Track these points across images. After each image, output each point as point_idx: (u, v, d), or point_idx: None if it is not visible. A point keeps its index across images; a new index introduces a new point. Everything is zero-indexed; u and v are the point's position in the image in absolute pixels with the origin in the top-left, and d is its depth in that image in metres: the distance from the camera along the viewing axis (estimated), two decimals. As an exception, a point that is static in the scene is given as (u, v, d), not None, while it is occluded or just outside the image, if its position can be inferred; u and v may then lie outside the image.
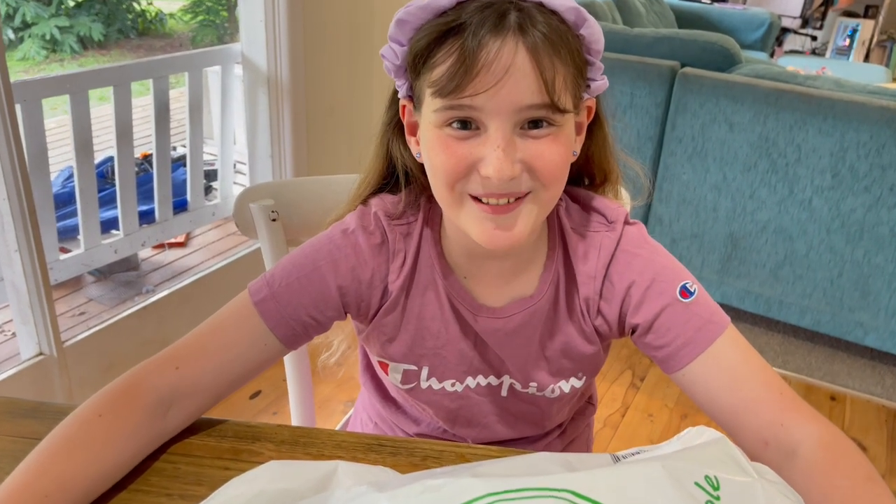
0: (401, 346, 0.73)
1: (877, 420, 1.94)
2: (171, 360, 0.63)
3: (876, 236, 1.97)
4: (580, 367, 0.76)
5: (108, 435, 0.58)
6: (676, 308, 0.66)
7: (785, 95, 1.98)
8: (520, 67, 0.56)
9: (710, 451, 0.48)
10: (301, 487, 0.47)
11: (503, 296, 0.71)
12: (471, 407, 0.78)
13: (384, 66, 0.65)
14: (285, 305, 0.66)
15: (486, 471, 0.45)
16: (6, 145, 1.45)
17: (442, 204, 0.65)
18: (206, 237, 2.82)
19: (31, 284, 1.58)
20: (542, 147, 0.60)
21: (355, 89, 2.34)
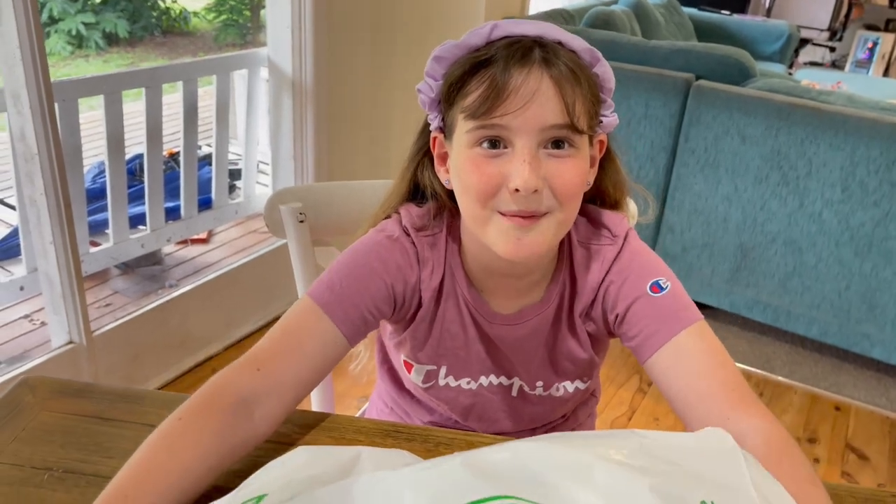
0: (428, 350, 0.80)
1: (880, 431, 1.98)
2: (252, 363, 0.66)
3: (884, 250, 2.00)
4: (581, 371, 0.83)
5: (189, 437, 0.59)
6: (645, 301, 0.72)
7: (797, 110, 2.02)
8: (544, 92, 0.64)
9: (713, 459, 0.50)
10: (327, 473, 0.52)
11: (515, 305, 0.78)
12: (483, 404, 0.84)
13: (419, 100, 0.73)
14: (348, 305, 0.71)
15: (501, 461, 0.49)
16: (45, 142, 1.53)
17: (472, 221, 0.71)
18: (228, 234, 2.90)
19: (63, 275, 1.65)
20: (562, 167, 0.66)
21: (377, 95, 2.41)
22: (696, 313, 0.71)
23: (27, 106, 1.50)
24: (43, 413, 0.71)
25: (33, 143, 1.53)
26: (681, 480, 0.47)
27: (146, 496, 0.54)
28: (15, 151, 1.61)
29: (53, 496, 0.61)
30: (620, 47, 2.36)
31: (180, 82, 2.13)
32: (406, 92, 0.66)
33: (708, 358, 0.69)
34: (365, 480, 0.49)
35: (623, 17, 3.14)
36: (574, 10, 3.04)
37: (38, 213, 1.60)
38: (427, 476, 0.48)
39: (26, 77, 1.47)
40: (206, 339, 2.08)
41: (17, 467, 0.64)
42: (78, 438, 0.67)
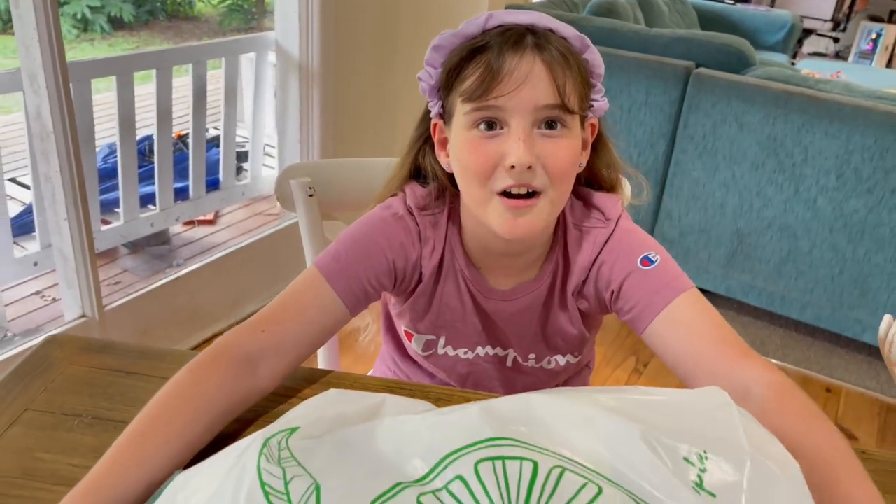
0: (427, 322, 0.85)
1: (869, 413, 2.03)
2: (257, 324, 0.71)
3: (877, 237, 2.05)
4: (572, 346, 0.87)
5: (199, 388, 0.64)
6: (637, 276, 0.76)
7: (794, 98, 2.05)
8: (536, 74, 0.68)
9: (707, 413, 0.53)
10: (354, 413, 0.56)
11: (510, 281, 0.82)
12: (479, 373, 0.89)
13: (420, 88, 0.77)
14: (350, 276, 0.76)
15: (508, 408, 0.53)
16: (60, 121, 1.58)
17: (471, 202, 0.74)
18: (234, 216, 2.95)
19: (77, 251, 1.71)
20: (554, 146, 0.70)
21: (382, 78, 2.45)
22: (688, 282, 0.75)
23: (43, 86, 1.55)
24: (71, 367, 0.76)
25: (49, 121, 1.58)
26: (673, 431, 0.50)
27: (161, 436, 0.60)
28: (30, 130, 1.66)
29: (84, 439, 0.66)
30: (622, 35, 2.40)
31: (190, 65, 2.17)
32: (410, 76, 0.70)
33: (703, 320, 0.72)
34: (389, 422, 0.54)
35: (626, 5, 3.16)
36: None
37: (52, 190, 1.65)
38: (445, 420, 0.52)
39: (43, 58, 1.52)
40: (214, 316, 2.13)
41: (49, 414, 0.69)
42: (104, 389, 0.73)
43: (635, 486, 0.46)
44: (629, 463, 0.47)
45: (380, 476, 0.48)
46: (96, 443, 0.66)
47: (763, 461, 0.48)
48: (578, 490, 0.44)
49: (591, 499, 0.44)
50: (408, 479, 0.48)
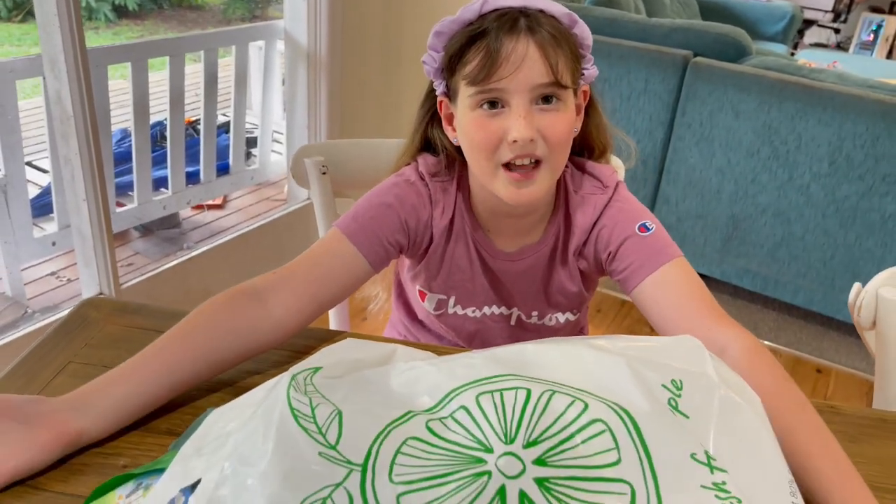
0: (440, 281, 0.92)
1: (858, 392, 2.10)
2: (285, 270, 0.79)
3: (867, 222, 2.11)
4: (571, 303, 0.95)
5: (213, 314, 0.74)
6: (634, 240, 0.83)
7: (788, 87, 2.11)
8: (531, 56, 0.75)
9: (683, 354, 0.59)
10: (369, 359, 0.64)
11: (516, 243, 0.90)
12: (486, 331, 0.97)
13: (424, 70, 0.84)
14: (369, 233, 0.83)
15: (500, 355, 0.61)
16: (80, 105, 1.65)
17: (480, 172, 0.82)
18: (243, 201, 3.02)
19: (95, 231, 1.78)
20: (551, 118, 0.78)
21: (388, 66, 2.51)
22: (677, 251, 0.82)
23: (64, 71, 1.61)
24: (108, 326, 0.83)
25: (69, 105, 1.64)
26: (653, 364, 0.57)
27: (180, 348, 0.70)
28: (51, 114, 1.72)
29: (123, 387, 0.73)
30: (622, 25, 2.46)
31: (202, 52, 2.23)
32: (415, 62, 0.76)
33: (688, 285, 0.80)
34: (401, 366, 0.61)
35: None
36: (580, -12, 3.12)
37: (72, 172, 1.72)
38: (450, 364, 0.60)
39: (63, 43, 1.58)
40: (225, 296, 2.20)
41: (90, 366, 0.76)
42: (140, 345, 0.79)
43: (619, 399, 0.53)
44: (614, 385, 0.54)
45: (393, 406, 0.55)
46: (135, 390, 0.72)
47: (729, 392, 0.55)
48: (566, 407, 0.51)
49: (578, 413, 0.51)
50: (418, 409, 0.55)
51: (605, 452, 0.50)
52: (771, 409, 0.58)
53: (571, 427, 0.51)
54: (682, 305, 0.78)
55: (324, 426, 0.52)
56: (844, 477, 0.61)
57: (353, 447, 0.50)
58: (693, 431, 0.53)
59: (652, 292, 0.80)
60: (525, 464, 0.49)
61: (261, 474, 0.48)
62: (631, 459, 0.49)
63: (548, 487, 0.48)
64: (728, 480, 0.50)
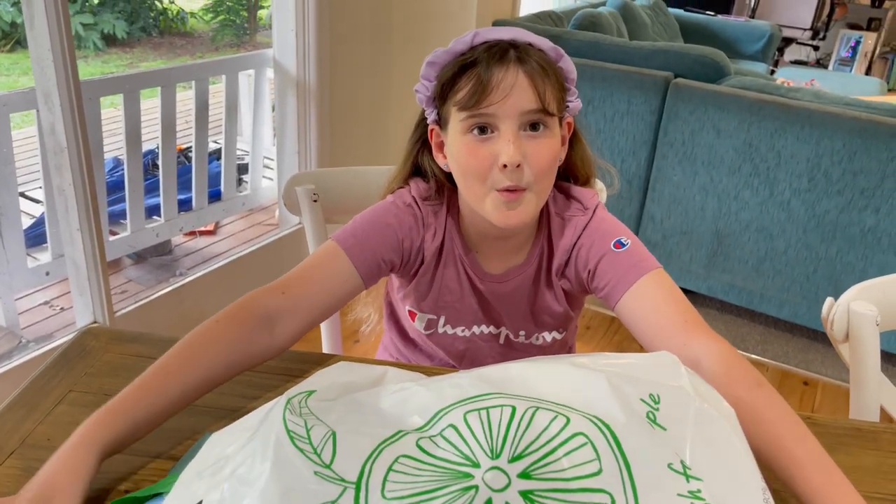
0: (429, 302, 0.96)
1: (844, 403, 2.13)
2: (279, 287, 0.81)
3: (848, 236, 2.16)
4: (557, 322, 0.98)
5: (222, 336, 0.75)
6: (610, 256, 0.86)
7: (767, 105, 2.17)
8: (520, 84, 0.79)
9: (659, 370, 0.62)
10: (361, 381, 0.67)
11: (502, 265, 0.94)
12: (475, 350, 1.00)
13: (417, 99, 0.88)
14: (366, 250, 0.86)
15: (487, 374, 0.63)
16: (74, 137, 1.68)
17: (470, 197, 0.85)
18: (234, 226, 3.04)
19: (89, 260, 1.80)
20: (538, 145, 0.81)
21: (376, 93, 2.55)
22: (654, 263, 0.85)
23: (57, 104, 1.64)
24: (107, 354, 0.85)
25: (63, 137, 1.67)
26: (632, 379, 0.60)
27: (183, 372, 0.71)
28: (44, 145, 1.75)
29: (124, 414, 0.75)
30: (604, 48, 2.52)
31: (193, 82, 2.27)
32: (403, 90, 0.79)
33: (665, 297, 0.82)
34: (391, 387, 0.64)
35: (609, 18, 3.29)
36: (562, 12, 3.19)
37: (65, 202, 1.75)
38: (439, 385, 0.62)
39: (57, 77, 1.62)
40: (218, 322, 2.22)
41: (90, 394, 0.79)
42: (138, 373, 0.81)
43: (600, 413, 0.56)
44: (595, 400, 0.57)
45: (385, 426, 0.58)
46: (135, 416, 0.75)
47: (704, 404, 0.58)
48: (550, 422, 0.54)
49: (560, 427, 0.54)
50: (408, 428, 0.58)
51: (586, 464, 0.53)
52: (748, 417, 0.61)
53: (554, 441, 0.54)
54: (658, 320, 0.81)
55: (319, 446, 0.55)
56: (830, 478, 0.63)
57: (347, 466, 0.53)
58: (670, 442, 0.56)
59: (632, 308, 0.83)
60: (510, 477, 0.52)
61: (259, 493, 0.51)
62: (611, 470, 0.52)
63: (532, 499, 0.50)
64: (703, 489, 0.53)
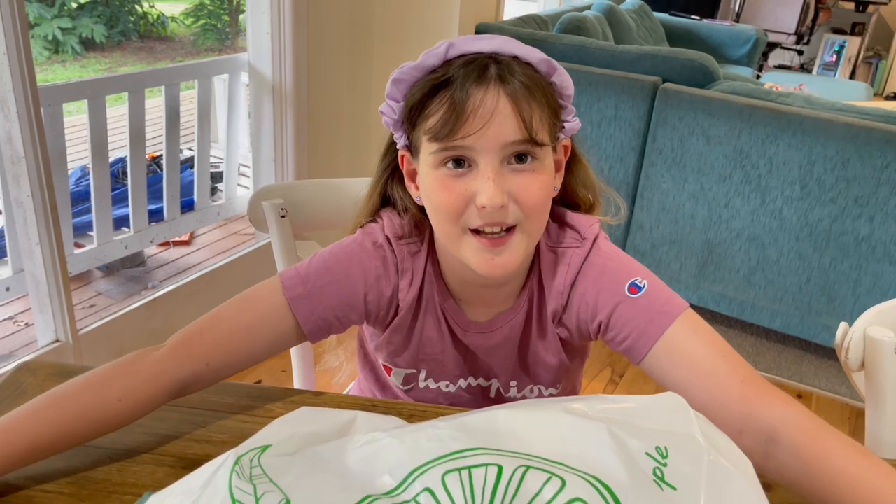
0: (407, 356, 0.83)
1: (840, 417, 2.07)
2: (202, 355, 0.70)
3: (841, 245, 2.10)
4: (553, 377, 0.84)
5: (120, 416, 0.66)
6: (627, 304, 0.72)
7: (758, 111, 2.11)
8: (501, 110, 0.66)
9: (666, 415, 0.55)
10: (326, 431, 0.58)
11: (489, 313, 0.81)
12: (462, 404, 0.87)
13: (383, 122, 0.75)
14: (317, 305, 0.73)
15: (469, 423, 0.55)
16: (32, 147, 1.58)
17: (445, 239, 0.72)
18: (210, 236, 2.94)
19: (50, 276, 1.70)
20: (526, 180, 0.68)
21: (356, 98, 2.47)
22: (680, 304, 0.71)
23: (14, 111, 1.54)
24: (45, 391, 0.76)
25: (20, 146, 1.57)
26: (635, 429, 0.53)
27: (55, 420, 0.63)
28: (1, 155, 1.65)
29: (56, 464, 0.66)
30: (590, 52, 2.45)
31: (163, 87, 2.17)
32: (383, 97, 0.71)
33: (706, 349, 0.68)
34: (360, 438, 0.55)
35: (595, 22, 3.23)
36: (547, 16, 3.13)
37: (24, 215, 1.65)
38: (414, 436, 0.54)
39: (13, 82, 1.52)
40: (190, 338, 2.12)
41: (22, 440, 0.70)
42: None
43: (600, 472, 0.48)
44: (594, 455, 0.49)
45: (350, 490, 0.49)
46: (68, 467, 0.66)
47: (718, 457, 0.50)
48: (542, 485, 0.46)
49: (555, 492, 0.46)
50: (377, 492, 0.50)
51: (585, 539, 0.45)
52: (862, 496, 0.53)
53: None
54: (704, 382, 0.66)
55: (270, 518, 0.46)
56: None
57: (302, 544, 0.45)
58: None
59: (664, 366, 0.69)
60: (496, 557, 0.44)
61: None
62: (614, 545, 0.45)
63: (522, 585, 0.42)
64: (720, 562, 0.45)
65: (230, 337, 0.72)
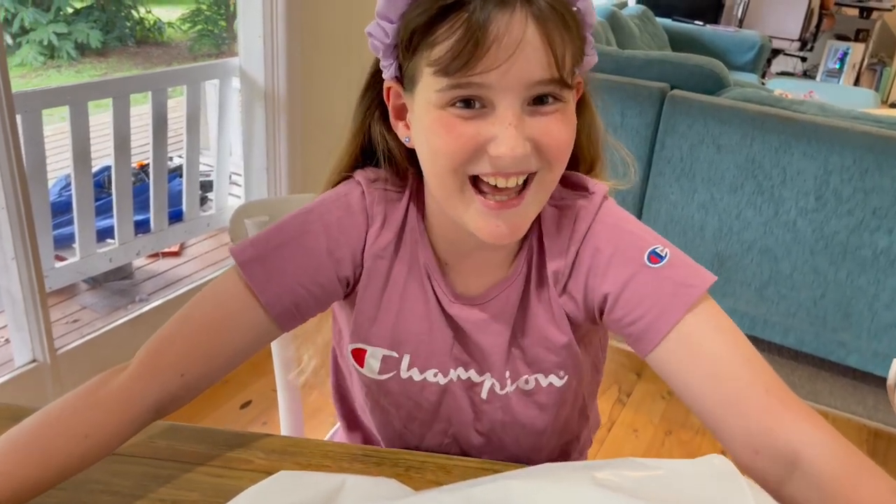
0: (383, 326, 0.69)
1: (857, 439, 1.98)
2: (174, 366, 0.61)
3: (858, 258, 2.01)
4: (557, 361, 0.70)
5: (88, 454, 0.58)
6: (644, 275, 0.62)
7: (771, 119, 2.02)
8: (530, 41, 0.54)
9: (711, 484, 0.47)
10: (310, 502, 0.49)
11: (481, 284, 0.69)
12: (451, 403, 0.73)
13: (370, 45, 0.63)
14: (274, 271, 0.63)
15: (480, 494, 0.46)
16: (6, 155, 1.48)
17: (440, 191, 0.61)
18: (201, 247, 2.84)
19: (26, 292, 1.60)
20: (550, 124, 0.58)
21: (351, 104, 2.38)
22: (707, 276, 0.62)
23: (-13, 118, 1.45)
24: None
25: (-7, 155, 1.48)
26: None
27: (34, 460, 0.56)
28: (-26, 164, 1.56)
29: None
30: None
31: (149, 93, 2.08)
32: None
33: (729, 349, 0.59)
34: None
35: (598, 27, 3.15)
36: (549, 21, 3.05)
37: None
38: None
39: (-14, 88, 1.43)
40: (177, 355, 2.03)
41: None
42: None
43: None
44: None
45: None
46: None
47: None
48: None
49: None
50: None
51: None
52: None
53: None
54: (725, 390, 0.57)
55: None
56: None
57: None
58: None
59: (676, 358, 0.60)
60: None
61: None
62: None
63: None
64: None
65: (200, 340, 0.63)
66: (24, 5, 6.86)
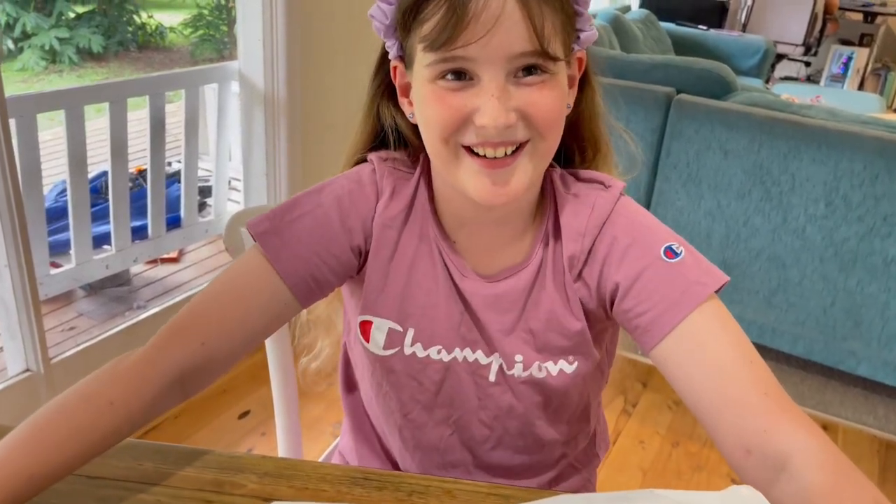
0: (390, 296, 0.70)
1: (869, 450, 1.94)
2: (197, 333, 0.63)
3: (869, 266, 1.97)
4: (569, 347, 0.70)
5: (116, 423, 0.58)
6: (657, 268, 0.63)
7: (779, 124, 1.99)
8: (509, 16, 0.56)
9: None
10: None
11: (493, 265, 0.70)
12: (454, 385, 0.72)
13: (373, 27, 0.66)
14: (289, 241, 0.66)
15: None
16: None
17: (437, 160, 0.64)
18: (200, 253, 2.81)
19: (19, 300, 1.57)
20: (535, 94, 0.60)
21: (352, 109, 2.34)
22: (719, 275, 0.64)
23: (-21, 122, 1.42)
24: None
25: (-14, 161, 1.45)
26: None
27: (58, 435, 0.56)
28: (-34, 170, 1.53)
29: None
30: (599, 61, 2.32)
31: (146, 97, 2.05)
32: None
33: (733, 350, 0.60)
34: None
35: (601, 31, 3.12)
36: (552, 25, 3.02)
37: (-9, 235, 1.52)
38: None
39: (-23, 91, 1.39)
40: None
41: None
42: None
43: None
44: None
45: None
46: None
47: None
48: None
49: None
50: None
51: None
52: None
53: None
54: (726, 389, 0.58)
55: None
56: None
57: None
58: None
59: (680, 354, 0.61)
60: None
61: None
62: None
63: None
64: None
65: (220, 310, 0.65)
66: (26, 10, 6.88)
